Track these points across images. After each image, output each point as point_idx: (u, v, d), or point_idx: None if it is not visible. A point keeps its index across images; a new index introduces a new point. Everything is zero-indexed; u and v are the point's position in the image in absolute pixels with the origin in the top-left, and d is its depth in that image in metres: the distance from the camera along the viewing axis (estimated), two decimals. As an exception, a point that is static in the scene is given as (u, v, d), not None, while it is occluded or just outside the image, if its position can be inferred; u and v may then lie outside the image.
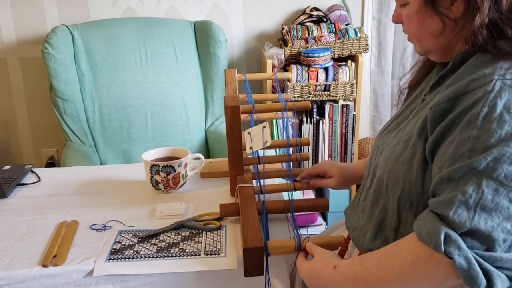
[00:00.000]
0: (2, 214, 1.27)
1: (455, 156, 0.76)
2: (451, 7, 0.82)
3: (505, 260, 0.73)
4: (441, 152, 0.79)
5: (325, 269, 0.92)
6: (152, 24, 2.36)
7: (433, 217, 0.77)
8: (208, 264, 1.04)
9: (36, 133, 2.67)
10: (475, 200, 0.73)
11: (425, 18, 0.86)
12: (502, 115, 0.73)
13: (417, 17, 0.87)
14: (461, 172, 0.74)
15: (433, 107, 0.80)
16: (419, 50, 0.93)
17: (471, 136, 0.74)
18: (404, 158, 0.86)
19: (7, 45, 2.52)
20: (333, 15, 2.46)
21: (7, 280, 1.02)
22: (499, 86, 0.74)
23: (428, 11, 0.84)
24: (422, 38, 0.89)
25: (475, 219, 0.73)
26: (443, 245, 0.73)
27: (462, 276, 0.73)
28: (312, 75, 2.30)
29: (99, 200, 1.33)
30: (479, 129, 0.74)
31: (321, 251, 0.96)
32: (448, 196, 0.75)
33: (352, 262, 0.89)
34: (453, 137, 0.77)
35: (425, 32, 0.87)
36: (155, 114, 2.29)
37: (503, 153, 0.72)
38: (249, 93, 1.36)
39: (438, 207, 0.77)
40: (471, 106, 0.75)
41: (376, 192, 0.94)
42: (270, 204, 1.18)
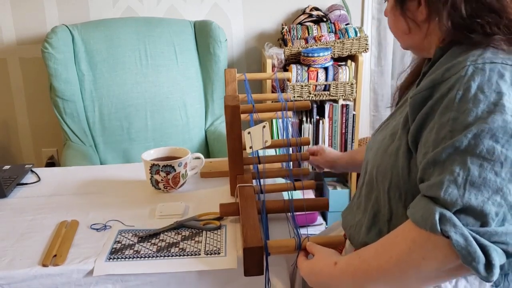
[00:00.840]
0: (2, 214, 1.27)
1: (437, 140, 0.78)
2: (416, 11, 0.87)
3: (500, 233, 0.74)
4: (424, 139, 0.82)
5: (325, 267, 0.92)
6: (152, 24, 2.36)
7: (426, 201, 0.78)
8: (208, 263, 1.04)
9: (36, 133, 2.67)
10: (463, 178, 0.75)
11: (396, 17, 0.92)
12: (477, 95, 0.76)
13: (391, 15, 0.93)
14: (445, 153, 0.77)
15: (412, 97, 0.84)
16: (402, 46, 0.98)
17: (450, 119, 0.77)
18: (391, 151, 0.89)
19: (7, 45, 2.52)
20: (333, 15, 2.46)
21: (7, 279, 1.02)
22: (472, 70, 0.78)
23: (397, 11, 0.90)
24: (398, 35, 0.95)
25: (465, 196, 0.74)
26: (439, 225, 0.74)
27: (460, 254, 0.73)
28: (312, 75, 2.30)
29: (99, 200, 1.33)
30: (457, 111, 0.77)
31: (321, 250, 0.96)
32: (437, 179, 0.77)
33: (350, 257, 0.90)
34: (433, 123, 0.80)
35: (398, 29, 0.93)
36: (155, 114, 2.29)
37: (482, 129, 0.74)
38: (249, 93, 1.36)
39: (429, 191, 0.78)
40: (447, 92, 0.79)
41: (368, 186, 0.97)
42: (270, 203, 1.18)
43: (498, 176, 0.74)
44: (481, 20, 0.81)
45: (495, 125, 0.74)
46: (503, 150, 0.74)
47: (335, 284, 0.90)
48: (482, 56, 0.79)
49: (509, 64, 0.78)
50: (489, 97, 0.76)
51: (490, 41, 0.81)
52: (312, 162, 1.48)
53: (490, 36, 0.81)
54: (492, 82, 0.77)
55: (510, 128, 0.74)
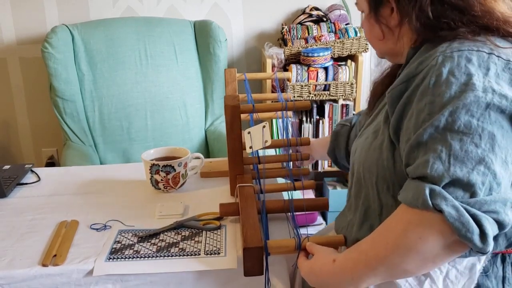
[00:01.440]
0: (2, 213, 1.27)
1: (417, 124, 0.82)
2: (390, 17, 0.93)
3: (489, 202, 0.76)
4: (404, 127, 0.85)
5: (325, 266, 0.92)
6: (152, 23, 2.36)
7: (414, 182, 0.80)
8: (208, 263, 1.04)
9: (36, 132, 2.67)
10: (446, 153, 0.78)
11: (371, 25, 0.97)
12: (448, 79, 0.81)
13: (366, 23, 0.98)
14: (426, 134, 0.80)
15: (389, 91, 0.88)
16: (377, 53, 1.03)
17: (426, 103, 0.81)
18: (375, 146, 0.94)
19: (7, 45, 2.52)
20: (333, 15, 2.46)
21: (7, 279, 1.02)
22: (442, 58, 0.83)
23: (373, 18, 0.95)
24: (373, 43, 1.00)
25: (451, 170, 0.77)
26: (430, 200, 0.76)
27: (454, 226, 0.74)
28: (312, 74, 2.30)
29: (99, 200, 1.33)
30: (432, 95, 0.81)
31: (320, 249, 0.96)
32: (422, 159, 0.80)
33: (348, 251, 0.90)
34: (412, 111, 0.84)
35: (373, 37, 0.98)
36: (155, 113, 2.29)
37: (457, 106, 0.78)
38: (249, 93, 1.36)
39: (416, 171, 0.80)
40: (422, 81, 0.84)
41: (357, 185, 0.99)
42: (270, 203, 1.18)
43: (478, 147, 0.77)
44: (446, 19, 0.87)
45: (468, 100, 0.78)
46: (479, 123, 0.78)
47: (336, 281, 0.90)
48: (450, 46, 0.85)
49: (475, 50, 0.83)
50: (459, 79, 0.80)
51: (456, 34, 0.86)
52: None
53: (456, 30, 0.86)
54: (461, 66, 0.81)
55: (482, 102, 0.78)
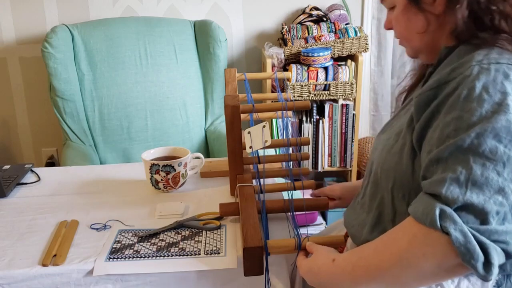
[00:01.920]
0: (2, 213, 1.27)
1: (441, 138, 0.79)
2: (434, 3, 0.86)
3: (500, 232, 0.74)
4: (428, 138, 0.82)
5: (324, 265, 0.91)
6: (152, 23, 2.36)
7: (427, 197, 0.78)
8: (208, 263, 1.04)
9: (36, 132, 2.67)
10: (465, 176, 0.75)
11: (410, 17, 0.90)
12: (481, 95, 0.76)
13: (403, 17, 0.91)
14: (448, 151, 0.77)
15: (417, 96, 0.84)
16: (410, 52, 0.97)
17: (454, 118, 0.78)
18: (395, 150, 0.90)
19: (7, 45, 2.52)
20: (333, 15, 2.46)
21: (7, 279, 1.02)
22: (477, 69, 0.78)
23: (413, 9, 0.89)
24: (410, 38, 0.93)
25: (467, 194, 0.74)
26: (439, 221, 0.74)
27: (459, 251, 0.73)
28: (312, 74, 2.30)
29: (99, 200, 1.33)
30: (461, 110, 0.77)
31: (320, 248, 0.96)
32: (440, 176, 0.77)
33: (350, 253, 0.89)
34: (438, 122, 0.80)
35: (412, 30, 0.91)
36: (155, 113, 2.29)
37: (485, 128, 0.75)
38: (249, 93, 1.36)
39: (430, 187, 0.78)
40: (452, 91, 0.79)
41: (374, 186, 0.97)
42: (270, 203, 1.18)
43: (500, 176, 0.74)
44: (495, 7, 0.82)
45: (499, 124, 0.74)
46: (506, 150, 0.74)
47: (334, 282, 0.90)
48: (487, 56, 0.80)
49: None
50: (493, 97, 0.76)
51: (496, 41, 0.82)
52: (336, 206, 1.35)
53: (497, 35, 0.82)
54: (497, 82, 0.77)
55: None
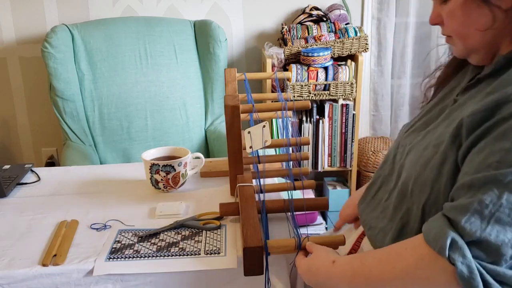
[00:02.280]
0: (2, 213, 1.27)
1: (482, 164, 0.74)
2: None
3: (508, 277, 0.72)
4: (470, 158, 0.78)
5: (323, 266, 0.91)
6: (152, 23, 2.36)
7: (444, 221, 0.76)
8: (208, 263, 1.04)
9: (36, 132, 2.67)
10: (491, 211, 0.72)
11: (471, 11, 0.81)
12: None
13: (462, 11, 0.82)
14: (483, 181, 0.73)
15: (471, 116, 0.78)
16: (461, 51, 0.89)
17: (502, 148, 0.73)
18: (434, 164, 0.84)
19: (7, 44, 2.52)
20: (333, 15, 2.46)
21: (7, 279, 1.02)
22: None
23: (476, 2, 0.79)
24: (467, 35, 0.84)
25: (487, 230, 0.72)
26: (448, 250, 0.73)
27: (461, 284, 0.72)
28: (312, 74, 2.30)
29: (99, 200, 1.33)
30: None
31: (320, 248, 0.96)
32: (464, 202, 0.74)
33: (352, 258, 0.89)
34: (485, 145, 0.75)
35: (471, 27, 0.82)
36: (155, 113, 2.29)
37: None
38: (249, 93, 1.36)
39: (451, 212, 0.76)
40: (509, 117, 0.73)
41: (401, 195, 0.92)
42: (270, 203, 1.18)
43: None
44: None
45: None
46: None
47: (331, 283, 0.90)
48: None
49: None
50: None
51: None
52: None
53: None
54: None
55: None
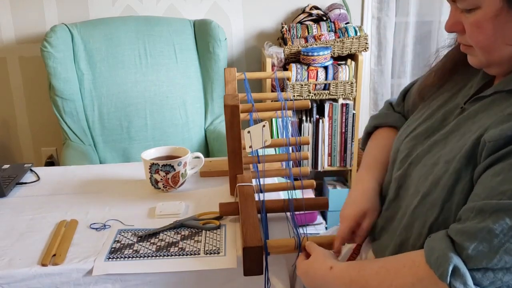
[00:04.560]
0: (2, 213, 1.27)
1: (495, 190, 0.71)
2: None
3: None
4: (483, 179, 0.74)
5: (320, 270, 0.91)
6: (152, 23, 2.35)
7: (448, 244, 0.73)
8: (208, 263, 1.04)
9: (36, 132, 2.67)
10: (501, 241, 0.69)
11: (504, 24, 0.74)
12: None
13: (492, 24, 0.74)
14: (495, 208, 0.70)
15: (492, 141, 0.74)
16: (481, 62, 0.82)
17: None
18: (445, 183, 0.79)
19: (6, 44, 2.51)
20: (333, 14, 2.46)
21: (6, 279, 1.01)
22: None
23: (510, 14, 0.73)
24: (493, 48, 0.77)
25: (494, 261, 0.69)
26: (449, 277, 0.71)
27: None
28: (311, 74, 2.30)
29: (98, 199, 1.33)
30: None
31: (318, 250, 0.96)
32: (472, 228, 0.71)
33: (350, 266, 0.88)
34: (501, 169, 0.72)
35: (500, 41, 0.75)
36: (154, 113, 2.29)
37: None
38: (248, 92, 1.36)
39: (457, 236, 0.73)
40: None
41: (402, 208, 0.89)
42: (269, 203, 1.18)
43: None
44: None
45: None
46: None
47: None
48: None
49: None
50: None
51: None
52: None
53: None
54: None
55: None
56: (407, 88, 1.15)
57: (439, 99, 0.95)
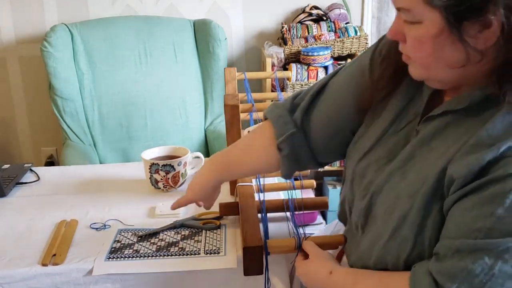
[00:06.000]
0: (2, 213, 1.27)
1: (470, 227, 0.68)
2: (479, 34, 0.66)
3: None
4: (455, 212, 0.71)
5: (319, 274, 0.92)
6: (152, 22, 2.35)
7: (431, 282, 0.72)
8: (208, 263, 1.04)
9: (36, 132, 2.67)
10: (482, 281, 0.67)
11: (444, 45, 0.69)
12: None
13: (432, 43, 0.69)
14: (473, 248, 0.68)
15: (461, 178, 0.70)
16: (420, 76, 0.77)
17: (494, 214, 0.66)
18: (414, 220, 0.76)
19: (6, 44, 2.51)
20: (333, 14, 2.46)
21: (6, 279, 1.01)
22: None
23: (451, 37, 0.67)
24: (433, 67, 0.73)
25: None
26: None
27: None
28: (311, 73, 2.30)
29: (98, 199, 1.33)
30: (506, 210, 0.66)
31: (316, 253, 0.96)
32: (452, 268, 0.70)
33: (347, 274, 0.89)
34: (473, 204, 0.69)
35: (440, 61, 0.71)
36: (154, 113, 2.29)
37: None
38: (248, 92, 1.36)
39: (439, 276, 0.71)
40: (503, 179, 0.66)
41: (373, 238, 0.85)
42: (269, 203, 1.18)
43: None
44: None
45: None
46: None
47: None
48: None
49: None
50: None
51: None
52: None
53: None
54: None
55: None
56: (308, 103, 0.98)
57: (388, 111, 0.87)
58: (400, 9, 0.71)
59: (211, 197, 1.11)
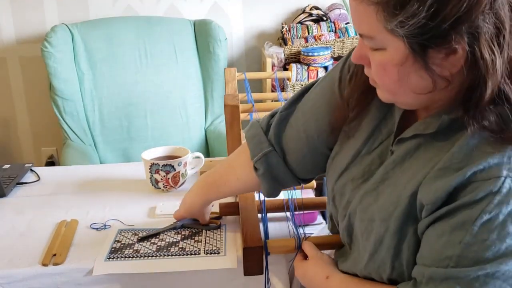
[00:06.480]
0: (2, 213, 1.27)
1: (441, 254, 0.68)
2: (444, 61, 0.65)
3: None
4: (428, 236, 0.71)
5: (316, 277, 0.92)
6: (152, 23, 2.36)
7: None
8: (208, 263, 1.04)
9: (36, 132, 2.67)
10: None
11: (409, 73, 0.67)
12: (505, 225, 0.63)
13: (397, 70, 0.67)
14: (444, 277, 0.67)
15: (430, 204, 0.70)
16: (389, 99, 0.76)
17: (462, 241, 0.65)
18: (389, 244, 0.76)
19: (6, 44, 2.52)
20: (333, 14, 2.46)
21: (7, 279, 1.01)
22: (508, 187, 0.63)
23: (416, 64, 0.66)
24: (399, 93, 0.72)
25: None
26: None
27: None
28: (312, 74, 2.30)
29: (98, 199, 1.33)
30: (474, 236, 0.64)
31: (315, 255, 0.96)
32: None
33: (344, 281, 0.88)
34: (443, 231, 0.68)
35: (406, 87, 0.70)
36: (154, 113, 2.29)
37: (498, 270, 0.63)
38: (248, 92, 1.36)
39: None
40: (470, 205, 0.65)
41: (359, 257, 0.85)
42: (269, 203, 1.18)
43: None
44: None
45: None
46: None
47: None
48: None
49: None
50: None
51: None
52: None
53: None
54: None
55: None
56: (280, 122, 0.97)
57: (360, 132, 0.86)
58: (363, 36, 0.69)
59: (202, 215, 1.14)
